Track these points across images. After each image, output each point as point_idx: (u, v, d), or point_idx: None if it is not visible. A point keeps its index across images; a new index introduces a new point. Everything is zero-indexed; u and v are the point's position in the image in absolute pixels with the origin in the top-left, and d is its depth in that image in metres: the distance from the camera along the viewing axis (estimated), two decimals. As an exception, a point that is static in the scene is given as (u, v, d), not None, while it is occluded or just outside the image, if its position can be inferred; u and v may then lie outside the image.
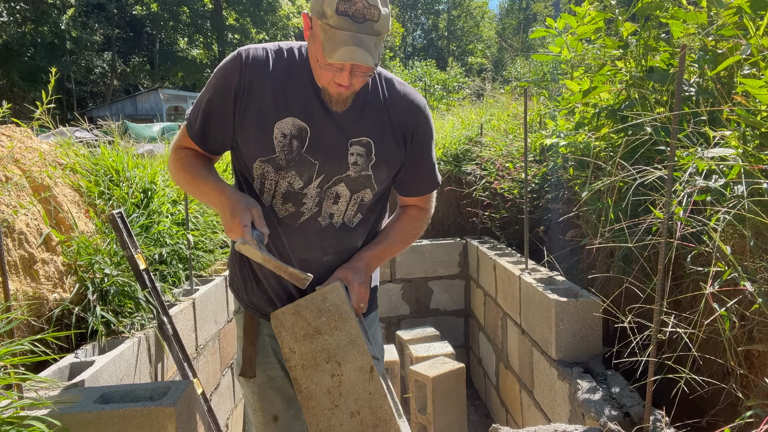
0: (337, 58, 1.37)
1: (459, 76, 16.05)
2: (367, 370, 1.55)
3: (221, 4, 35.62)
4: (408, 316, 4.95)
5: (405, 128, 1.64)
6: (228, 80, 1.55)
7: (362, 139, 1.59)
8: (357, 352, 1.56)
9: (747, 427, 1.53)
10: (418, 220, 1.79)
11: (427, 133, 1.69)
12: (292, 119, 1.55)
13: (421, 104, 1.67)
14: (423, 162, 1.71)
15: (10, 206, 2.12)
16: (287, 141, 1.55)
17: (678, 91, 1.61)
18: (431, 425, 3.48)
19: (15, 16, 25.81)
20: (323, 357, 1.59)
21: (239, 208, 1.48)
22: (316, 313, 1.59)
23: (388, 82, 1.65)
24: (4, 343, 1.53)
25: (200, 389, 2.63)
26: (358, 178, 1.61)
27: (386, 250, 1.74)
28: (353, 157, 1.59)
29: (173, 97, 28.04)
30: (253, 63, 1.55)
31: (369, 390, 1.55)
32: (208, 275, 3.43)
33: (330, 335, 1.59)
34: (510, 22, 49.86)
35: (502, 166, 4.31)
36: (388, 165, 1.64)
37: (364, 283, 1.64)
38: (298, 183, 1.59)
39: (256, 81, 1.55)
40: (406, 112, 1.64)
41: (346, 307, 1.57)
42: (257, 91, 1.55)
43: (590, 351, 2.58)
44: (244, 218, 1.47)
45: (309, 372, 1.61)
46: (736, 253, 1.69)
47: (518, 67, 10.65)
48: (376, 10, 1.38)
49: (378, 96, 1.61)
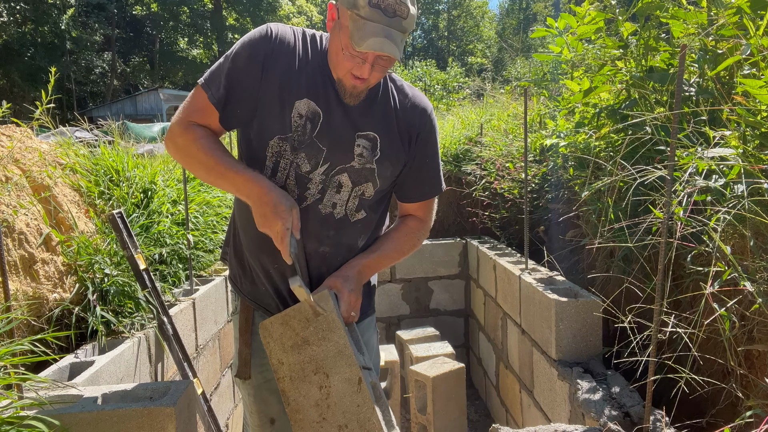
0: (366, 47, 1.40)
1: (459, 76, 16.05)
2: (356, 382, 1.50)
3: (221, 4, 35.62)
4: (408, 316, 4.95)
5: (411, 128, 1.67)
6: (256, 50, 1.53)
7: (369, 133, 1.61)
8: (345, 364, 1.51)
9: (747, 427, 1.53)
10: (416, 231, 1.78)
11: (431, 136, 1.71)
12: (308, 101, 1.56)
13: (428, 108, 1.71)
14: (426, 165, 1.72)
15: (10, 206, 2.12)
16: (303, 122, 1.55)
17: (678, 91, 1.61)
18: (431, 425, 3.48)
19: (15, 16, 25.80)
20: (311, 368, 1.55)
21: (283, 208, 1.45)
22: (305, 323, 1.55)
23: (399, 84, 1.70)
24: (4, 343, 1.53)
25: (200, 389, 2.63)
26: (362, 170, 1.62)
27: (380, 259, 1.72)
28: (359, 148, 1.60)
29: (173, 97, 28.01)
30: (280, 39, 1.56)
31: (357, 402, 1.50)
32: (208, 275, 3.43)
33: (318, 346, 1.54)
34: (510, 22, 49.86)
35: (502, 166, 4.31)
36: (391, 162, 1.65)
37: (355, 291, 1.61)
38: (305, 166, 1.59)
39: (283, 57, 1.55)
40: (414, 113, 1.67)
41: (335, 317, 1.52)
42: (282, 67, 1.55)
43: (590, 351, 2.58)
44: (287, 221, 1.45)
45: (297, 384, 1.56)
46: (736, 253, 1.69)
47: (518, 67, 10.65)
48: (406, 8, 1.44)
49: (388, 95, 1.65)
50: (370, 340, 1.83)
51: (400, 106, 1.66)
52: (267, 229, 1.48)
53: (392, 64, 1.50)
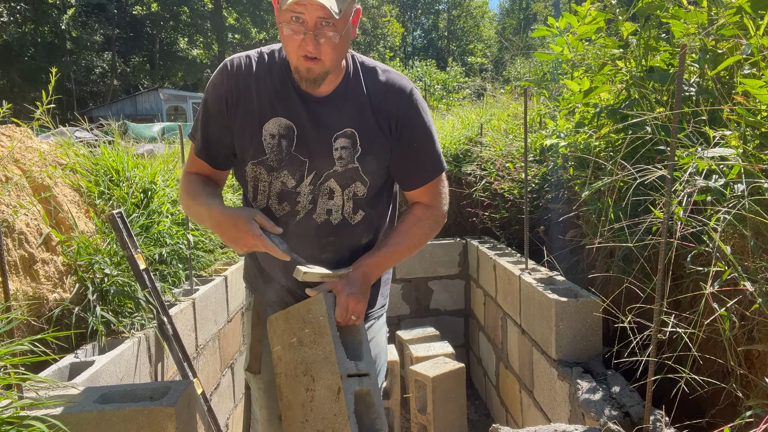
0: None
1: (459, 76, 16.03)
2: (335, 390, 1.49)
3: (221, 4, 35.60)
4: (408, 316, 4.95)
5: (389, 116, 1.59)
6: (218, 91, 1.59)
7: (346, 130, 1.57)
8: (329, 371, 1.51)
9: (747, 427, 1.53)
10: (424, 219, 1.69)
11: (415, 119, 1.62)
12: (278, 119, 1.56)
13: (406, 89, 1.61)
14: (416, 148, 1.64)
15: (10, 206, 2.12)
16: (276, 141, 1.57)
17: (678, 91, 1.61)
18: (431, 425, 3.48)
19: (15, 16, 25.80)
20: (301, 369, 1.56)
21: (242, 220, 1.49)
22: (301, 324, 1.56)
23: (371, 70, 1.62)
24: (4, 343, 1.53)
25: (200, 389, 2.63)
26: (345, 172, 1.60)
27: (388, 256, 1.67)
28: (338, 151, 1.57)
29: (173, 97, 28.01)
30: (237, 70, 1.59)
31: (334, 411, 1.50)
32: (208, 275, 3.43)
33: (309, 348, 1.55)
34: (510, 22, 49.83)
35: (502, 166, 4.31)
36: (375, 155, 1.60)
37: (355, 294, 1.56)
38: (291, 182, 1.60)
39: (243, 87, 1.58)
40: (389, 99, 1.59)
41: (325, 322, 1.51)
42: (244, 97, 1.58)
43: (590, 351, 2.58)
44: (253, 227, 1.48)
45: (290, 381, 1.59)
46: (736, 253, 1.69)
47: (518, 66, 10.64)
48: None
49: (359, 85, 1.59)
50: (377, 335, 1.82)
51: (373, 93, 1.59)
52: (245, 247, 1.52)
53: (338, 29, 1.42)
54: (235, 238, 1.50)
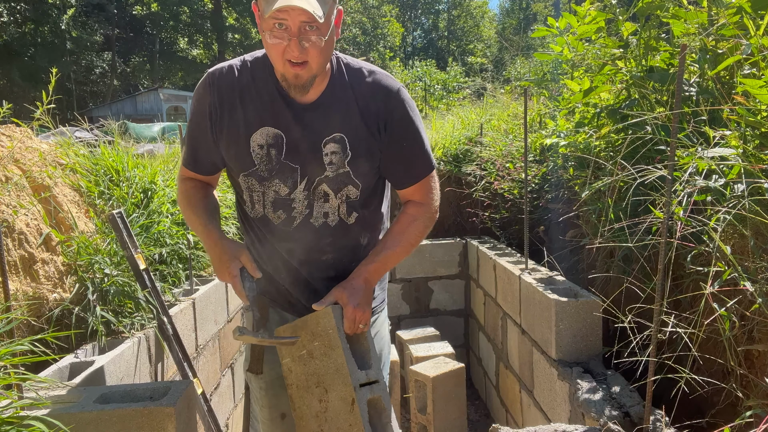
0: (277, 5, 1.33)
1: (459, 76, 16.02)
2: (349, 402, 1.52)
3: (221, 4, 35.60)
4: (408, 316, 4.95)
5: (377, 116, 1.57)
6: (201, 102, 1.59)
7: (335, 135, 1.56)
8: (342, 382, 1.54)
9: (747, 427, 1.53)
10: (418, 216, 1.68)
11: (403, 118, 1.60)
12: (265, 129, 1.55)
13: (393, 89, 1.59)
14: (406, 147, 1.62)
15: (10, 206, 2.12)
16: (265, 152, 1.56)
17: (678, 91, 1.61)
18: (431, 425, 3.48)
19: (15, 16, 25.80)
20: (313, 381, 1.59)
21: (226, 258, 1.55)
22: (310, 337, 1.59)
23: (356, 72, 1.60)
24: (4, 343, 1.53)
25: (200, 389, 2.63)
26: (337, 177, 1.60)
27: (386, 259, 1.67)
28: (327, 157, 1.57)
29: (173, 97, 28.01)
30: (220, 81, 1.57)
31: (349, 422, 1.53)
32: (208, 275, 3.43)
33: (320, 360, 1.57)
34: (510, 22, 49.82)
35: (502, 166, 4.31)
36: (366, 157, 1.59)
37: (361, 305, 1.57)
38: (284, 190, 1.60)
39: (226, 98, 1.56)
40: (376, 99, 1.57)
41: (335, 335, 1.53)
42: (228, 108, 1.56)
43: (590, 351, 2.58)
44: (232, 267, 1.53)
45: (302, 393, 1.62)
46: (736, 253, 1.69)
47: (518, 66, 10.63)
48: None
49: (345, 88, 1.57)
50: (383, 333, 1.85)
51: (360, 94, 1.57)
52: (222, 279, 1.60)
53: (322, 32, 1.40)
54: (217, 268, 1.60)
